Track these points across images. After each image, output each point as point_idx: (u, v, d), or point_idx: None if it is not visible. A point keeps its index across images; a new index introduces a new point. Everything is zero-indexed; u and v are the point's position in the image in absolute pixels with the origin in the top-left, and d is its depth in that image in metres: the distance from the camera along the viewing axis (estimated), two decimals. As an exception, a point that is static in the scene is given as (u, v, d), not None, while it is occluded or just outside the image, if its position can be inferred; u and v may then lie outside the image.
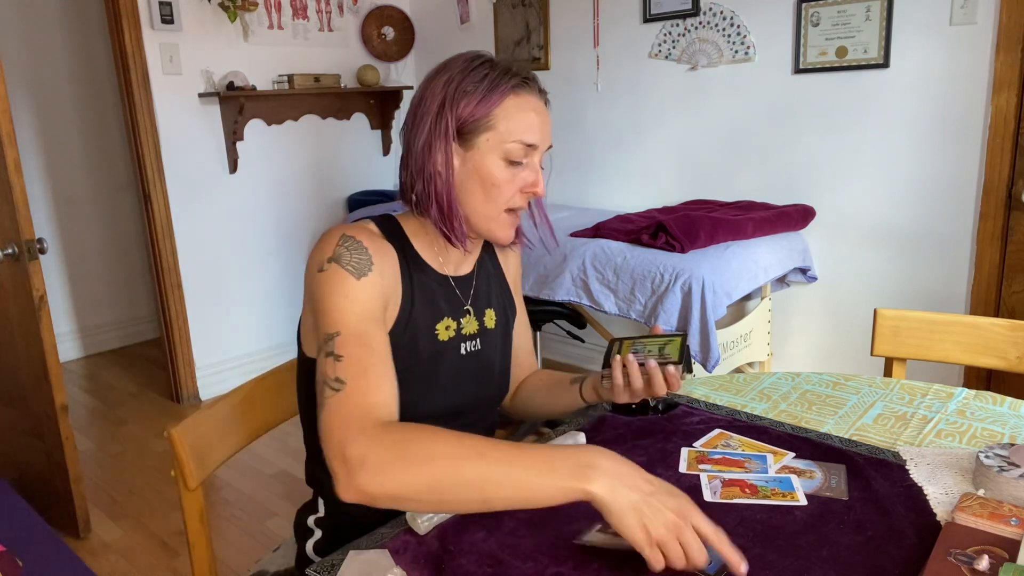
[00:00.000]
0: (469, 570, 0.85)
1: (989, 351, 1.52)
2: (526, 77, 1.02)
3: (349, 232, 0.98)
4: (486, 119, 1.00)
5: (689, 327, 2.25)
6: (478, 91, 0.99)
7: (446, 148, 1.01)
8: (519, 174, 1.03)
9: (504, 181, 1.02)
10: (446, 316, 1.08)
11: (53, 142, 3.89)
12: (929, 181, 2.48)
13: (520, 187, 1.03)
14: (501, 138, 1.00)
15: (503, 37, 3.57)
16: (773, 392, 1.34)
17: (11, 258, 2.10)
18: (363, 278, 0.94)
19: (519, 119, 1.00)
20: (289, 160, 3.65)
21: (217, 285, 3.44)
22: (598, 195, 3.40)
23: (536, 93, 1.04)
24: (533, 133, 1.01)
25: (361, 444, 0.78)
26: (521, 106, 1.01)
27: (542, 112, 1.04)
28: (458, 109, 1.00)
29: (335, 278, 0.93)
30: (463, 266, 1.14)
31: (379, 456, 0.77)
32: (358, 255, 0.96)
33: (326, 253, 0.96)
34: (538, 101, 1.04)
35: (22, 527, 1.23)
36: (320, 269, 0.95)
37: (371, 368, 0.86)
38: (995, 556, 0.79)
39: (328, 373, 0.86)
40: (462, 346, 1.10)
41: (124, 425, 3.20)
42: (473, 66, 1.01)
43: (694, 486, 1.01)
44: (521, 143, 1.00)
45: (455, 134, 1.01)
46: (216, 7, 3.24)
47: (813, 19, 2.61)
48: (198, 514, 1.14)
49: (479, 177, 1.02)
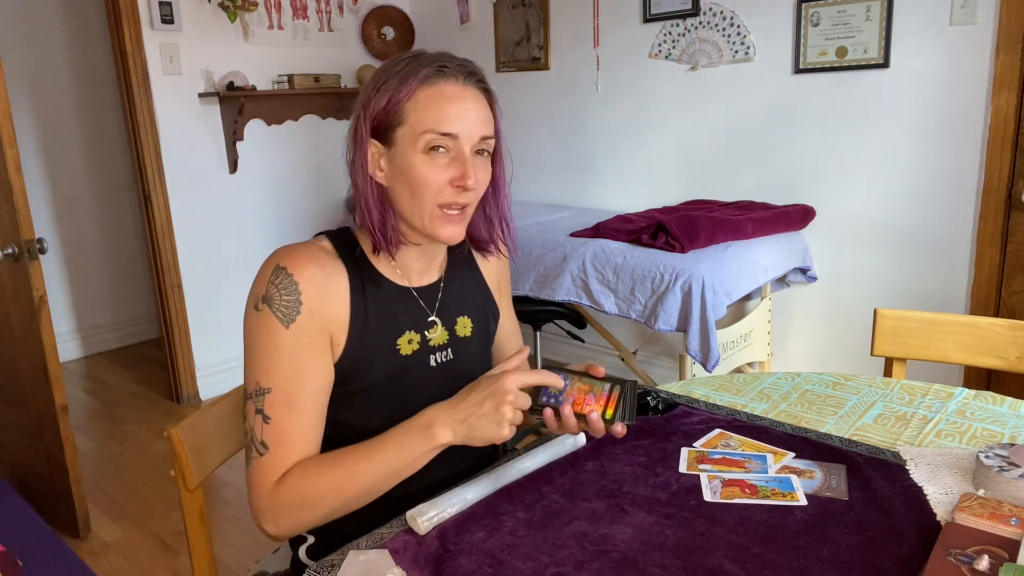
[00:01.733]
0: (469, 570, 0.85)
1: (989, 351, 1.52)
2: (443, 65, 0.97)
3: (284, 261, 0.98)
4: (398, 114, 0.97)
5: (689, 327, 2.25)
6: (389, 87, 0.96)
7: (365, 150, 0.99)
8: (445, 167, 0.97)
9: (426, 175, 0.97)
10: (408, 330, 1.06)
11: (53, 142, 3.89)
12: (929, 181, 2.48)
13: (448, 180, 0.97)
14: (414, 130, 0.96)
15: (503, 37, 3.57)
16: (773, 392, 1.34)
17: (11, 258, 2.10)
18: (292, 324, 0.96)
19: (430, 109, 0.95)
20: (289, 160, 3.65)
21: (217, 285, 3.44)
22: (598, 195, 3.40)
23: (457, 80, 0.97)
24: (448, 122, 0.95)
25: (266, 503, 0.95)
26: (433, 96, 0.96)
27: (463, 99, 0.97)
28: (372, 109, 0.98)
29: (265, 325, 0.96)
30: (427, 275, 1.10)
31: (284, 511, 0.94)
32: (287, 296, 0.96)
33: (261, 288, 0.98)
34: (459, 88, 0.97)
35: (22, 527, 1.23)
36: (255, 307, 0.98)
37: (292, 432, 0.96)
38: (995, 556, 0.79)
39: (256, 433, 0.97)
40: (431, 358, 1.08)
41: (124, 425, 3.19)
42: (392, 63, 0.99)
43: (694, 486, 1.01)
44: (435, 132, 0.95)
45: (372, 134, 0.99)
46: (216, 7, 3.24)
47: (813, 19, 2.61)
48: (198, 514, 1.14)
49: (402, 174, 0.98)
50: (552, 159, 3.52)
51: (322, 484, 0.93)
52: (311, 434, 0.98)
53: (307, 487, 0.93)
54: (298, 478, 0.94)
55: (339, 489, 0.93)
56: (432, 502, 0.95)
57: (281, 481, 0.94)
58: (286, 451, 0.95)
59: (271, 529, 0.96)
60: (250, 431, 0.98)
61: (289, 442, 0.96)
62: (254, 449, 0.97)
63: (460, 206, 1.00)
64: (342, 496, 0.93)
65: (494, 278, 1.22)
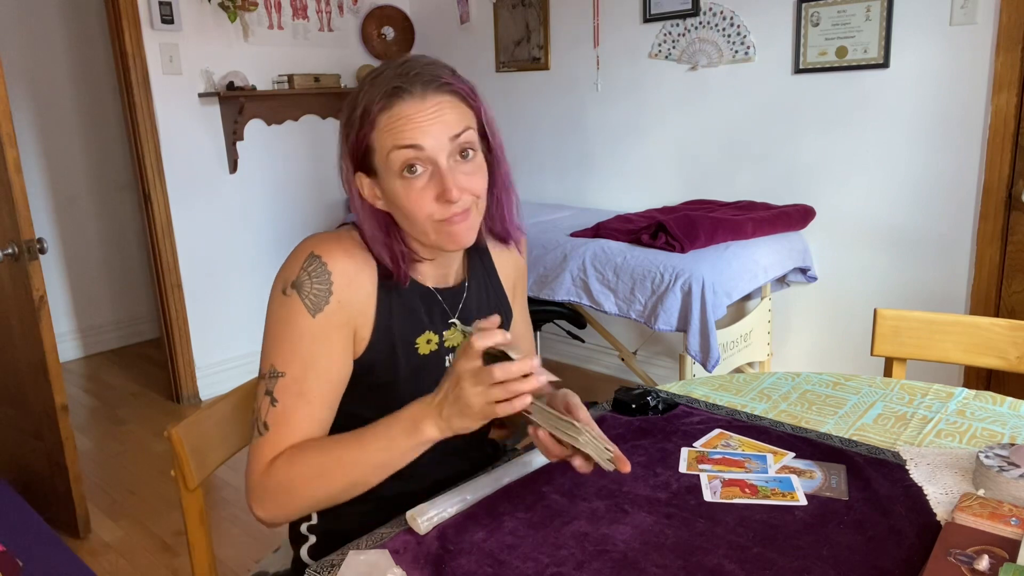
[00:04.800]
0: (469, 570, 0.85)
1: (989, 351, 1.52)
2: (397, 87, 0.94)
3: (320, 249, 0.98)
4: (368, 144, 0.97)
5: (689, 327, 2.25)
6: (354, 121, 0.96)
7: (357, 185, 1.00)
8: (427, 187, 0.95)
9: (411, 198, 0.95)
10: (427, 330, 1.06)
11: (53, 142, 3.89)
12: (929, 181, 2.48)
13: (433, 198, 0.95)
14: (384, 156, 0.95)
15: (503, 37, 3.57)
16: (773, 392, 1.34)
17: (11, 258, 2.10)
18: (319, 314, 0.96)
19: (390, 132, 0.94)
20: (289, 160, 3.65)
21: (217, 285, 3.44)
22: (598, 195, 3.40)
23: (413, 95, 0.94)
24: (406, 135, 0.93)
25: (257, 484, 0.95)
26: (392, 118, 0.94)
27: (422, 110, 0.94)
28: (349, 146, 0.98)
29: (292, 310, 0.96)
30: (450, 277, 1.10)
31: (270, 494, 0.94)
32: (318, 284, 0.96)
33: (292, 273, 0.97)
34: (416, 102, 0.94)
35: (22, 527, 1.23)
36: (283, 291, 0.97)
37: (296, 418, 0.96)
38: (995, 556, 0.79)
39: (261, 413, 0.97)
40: (447, 359, 1.08)
41: (124, 425, 3.20)
42: (356, 92, 0.98)
43: (694, 486, 1.01)
44: (398, 148, 0.94)
45: (359, 168, 0.99)
46: (216, 7, 3.24)
47: (813, 19, 2.61)
48: (198, 514, 1.14)
49: (392, 201, 0.98)
50: (552, 159, 3.52)
51: (307, 470, 0.93)
52: (316, 424, 0.97)
53: (293, 472, 0.93)
54: (286, 462, 0.94)
55: (324, 477, 0.92)
56: (432, 502, 0.95)
57: (272, 463, 0.94)
58: (286, 435, 0.95)
59: (259, 511, 0.95)
60: (256, 410, 0.97)
61: (290, 427, 0.95)
62: (256, 429, 0.97)
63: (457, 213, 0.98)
64: (327, 485, 0.93)
65: (510, 280, 1.21)
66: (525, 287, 1.28)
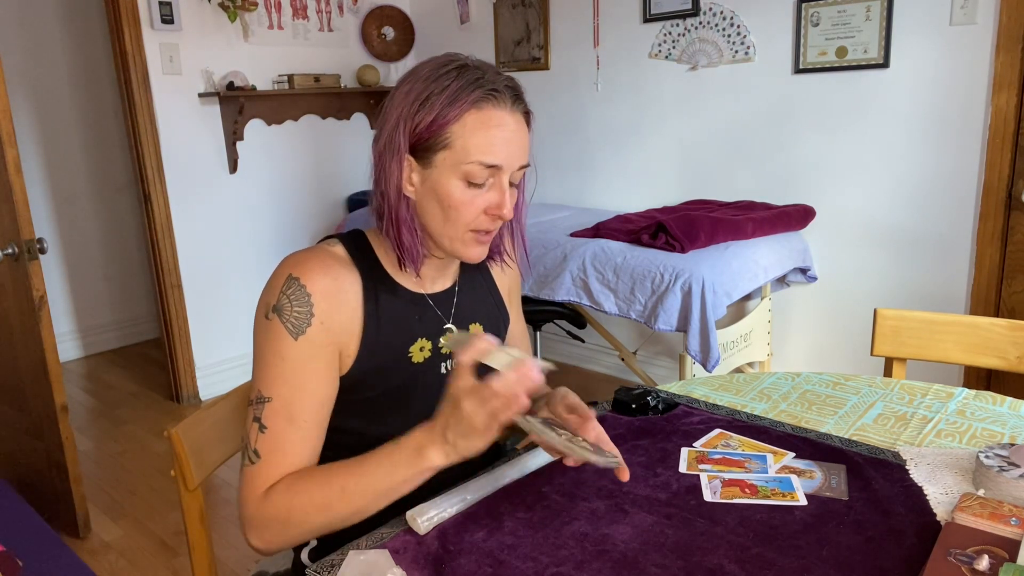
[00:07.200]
0: (469, 570, 0.85)
1: (989, 351, 1.52)
2: (494, 88, 0.92)
3: (298, 271, 0.95)
4: (443, 136, 0.92)
5: (689, 327, 2.25)
6: (436, 105, 0.91)
7: (400, 165, 0.95)
8: (482, 195, 0.95)
9: (463, 203, 0.94)
10: (420, 337, 1.04)
11: (53, 142, 3.89)
12: (929, 181, 2.48)
13: (484, 208, 0.95)
14: (458, 158, 0.92)
15: (503, 37, 3.57)
16: (773, 392, 1.34)
17: (11, 258, 2.10)
18: (301, 337, 0.94)
19: (480, 138, 0.91)
20: (289, 160, 3.65)
21: (217, 285, 3.44)
22: (598, 195, 3.40)
23: (506, 106, 0.93)
24: (495, 153, 0.92)
25: (255, 515, 0.92)
26: (484, 122, 0.91)
27: (511, 128, 0.93)
28: (414, 125, 0.92)
29: (274, 334, 0.94)
30: (441, 282, 1.08)
31: (267, 525, 0.92)
32: (299, 308, 0.94)
33: (272, 297, 0.96)
34: (507, 115, 0.93)
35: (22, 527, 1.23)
36: (266, 315, 0.96)
37: (287, 444, 0.94)
38: (995, 556, 0.79)
39: (251, 440, 0.95)
40: (442, 365, 1.07)
41: (124, 425, 3.20)
42: (438, 74, 0.92)
43: (694, 486, 1.01)
44: (480, 164, 0.92)
45: (410, 150, 0.94)
46: (216, 7, 3.24)
47: (813, 19, 2.61)
48: (198, 514, 1.14)
49: (437, 197, 0.95)
50: (552, 159, 3.52)
51: (308, 501, 0.90)
52: (307, 448, 0.96)
53: (294, 503, 0.91)
54: (285, 492, 0.91)
55: (327, 508, 0.90)
56: (432, 502, 0.95)
57: (269, 493, 0.92)
58: (278, 462, 0.93)
59: (256, 542, 0.93)
60: (246, 438, 0.96)
61: (282, 454, 0.93)
62: (246, 457, 0.95)
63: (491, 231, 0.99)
64: (329, 515, 0.90)
65: (506, 286, 1.21)
66: (520, 292, 1.27)
